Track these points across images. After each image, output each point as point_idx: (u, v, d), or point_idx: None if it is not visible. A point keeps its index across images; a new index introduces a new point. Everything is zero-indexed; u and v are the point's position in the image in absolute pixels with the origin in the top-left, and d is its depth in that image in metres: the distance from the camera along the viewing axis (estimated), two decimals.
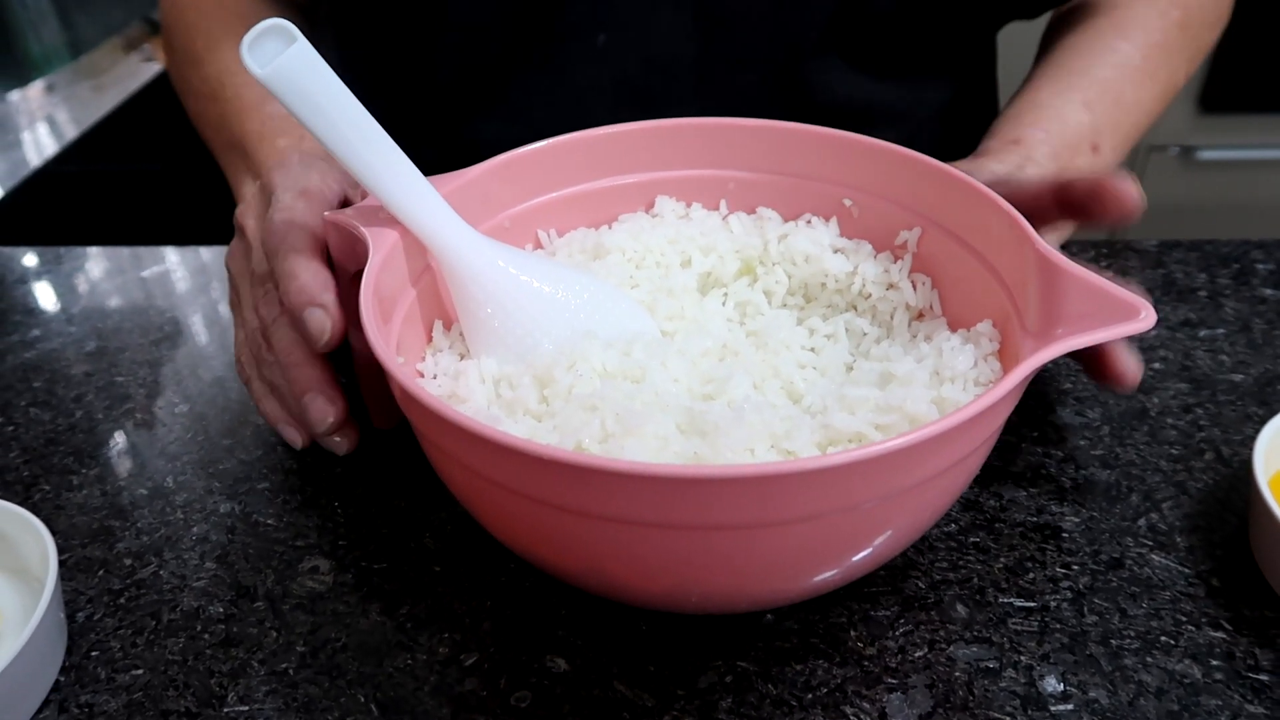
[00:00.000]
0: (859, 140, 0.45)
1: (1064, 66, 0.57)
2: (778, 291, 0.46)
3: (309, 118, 0.37)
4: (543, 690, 0.37)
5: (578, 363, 0.39)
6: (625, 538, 0.32)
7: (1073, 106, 0.54)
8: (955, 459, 0.32)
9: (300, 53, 0.36)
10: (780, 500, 0.29)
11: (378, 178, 0.39)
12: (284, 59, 0.36)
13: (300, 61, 0.36)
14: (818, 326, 0.45)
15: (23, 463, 0.49)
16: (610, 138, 0.47)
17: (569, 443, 0.35)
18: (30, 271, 0.65)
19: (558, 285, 0.42)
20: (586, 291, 0.43)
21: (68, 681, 0.38)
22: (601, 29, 0.57)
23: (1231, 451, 0.46)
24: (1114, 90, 0.55)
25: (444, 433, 0.33)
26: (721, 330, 0.44)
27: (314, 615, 0.40)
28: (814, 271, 0.46)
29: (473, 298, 0.41)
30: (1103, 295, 0.34)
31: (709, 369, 0.41)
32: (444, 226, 0.40)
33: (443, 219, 0.40)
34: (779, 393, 0.41)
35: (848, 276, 0.46)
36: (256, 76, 0.36)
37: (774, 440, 0.35)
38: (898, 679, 0.37)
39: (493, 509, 0.35)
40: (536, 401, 0.38)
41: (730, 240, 0.47)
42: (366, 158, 0.38)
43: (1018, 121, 0.53)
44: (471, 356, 0.42)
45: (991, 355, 0.39)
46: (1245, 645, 0.37)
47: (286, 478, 0.47)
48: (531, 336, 0.41)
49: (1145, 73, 0.57)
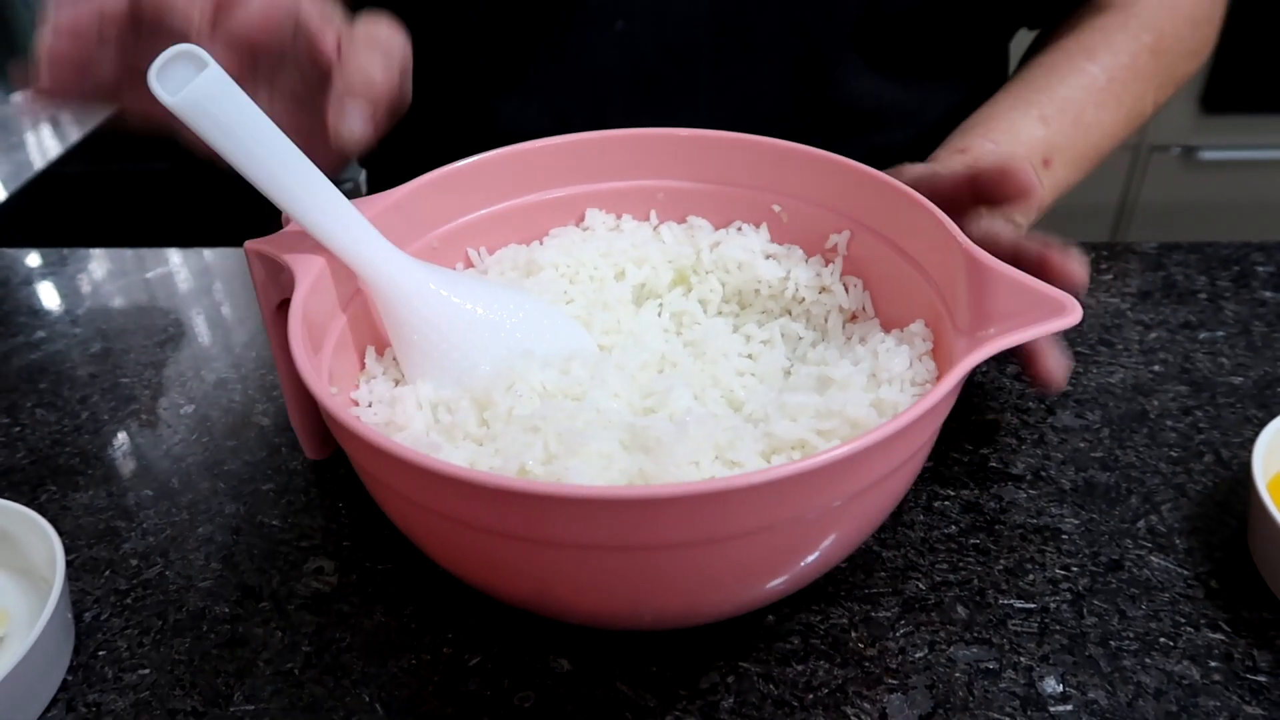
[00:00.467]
0: (785, 146, 0.45)
1: (1027, 83, 0.58)
2: (712, 300, 0.47)
3: (224, 145, 0.36)
4: (546, 690, 0.37)
5: (516, 383, 0.39)
6: (574, 561, 0.31)
7: (1028, 120, 0.55)
8: (899, 461, 0.32)
9: (211, 78, 0.34)
10: (731, 514, 0.29)
11: (299, 204, 0.38)
12: (194, 85, 0.34)
13: (212, 88, 0.35)
14: (754, 333, 0.45)
15: (29, 464, 0.49)
16: (536, 152, 0.47)
17: (512, 466, 0.35)
18: (35, 273, 0.66)
19: (491, 305, 0.42)
20: (521, 310, 0.42)
21: (75, 681, 0.38)
22: (620, 15, 0.57)
23: (1231, 454, 0.46)
24: (1074, 109, 0.56)
25: (382, 465, 0.32)
26: (659, 342, 0.44)
27: (319, 615, 0.40)
28: (747, 278, 0.46)
29: (405, 322, 0.40)
30: (1030, 293, 0.35)
31: (648, 382, 0.41)
32: (371, 251, 0.39)
33: (369, 243, 0.39)
34: (719, 402, 0.41)
35: (780, 282, 0.46)
36: (166, 104, 0.34)
37: (718, 451, 0.35)
38: (898, 679, 0.37)
39: (436, 538, 0.35)
40: (476, 425, 0.38)
41: (662, 250, 0.48)
42: (286, 184, 0.37)
43: (970, 132, 0.54)
44: (407, 382, 0.41)
45: (926, 355, 0.40)
46: (1243, 647, 0.38)
47: (291, 479, 0.47)
48: (468, 359, 0.40)
49: (1110, 94, 0.57)
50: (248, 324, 0.59)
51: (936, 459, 0.47)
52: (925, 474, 0.46)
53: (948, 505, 0.44)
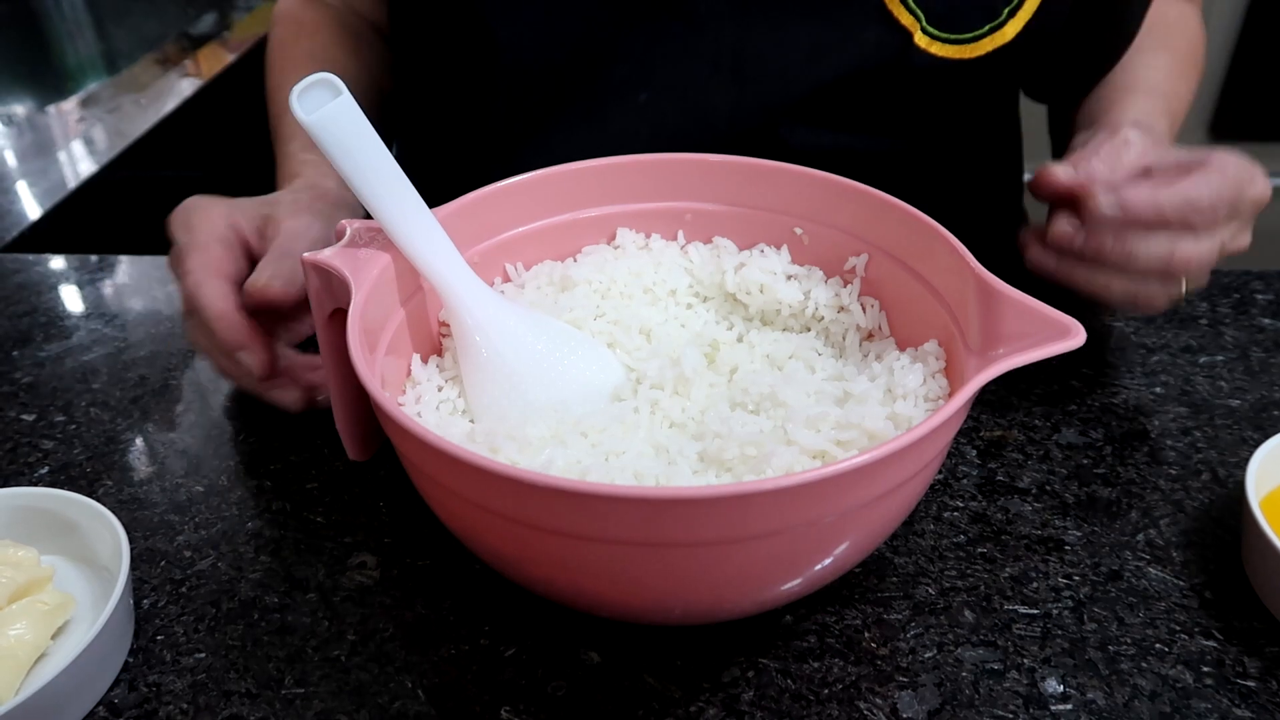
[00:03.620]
0: (808, 173, 0.48)
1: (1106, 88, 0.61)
2: (738, 318, 0.49)
3: (343, 162, 0.40)
4: (577, 680, 0.40)
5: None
6: (607, 557, 0.34)
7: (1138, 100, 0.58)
8: (912, 472, 0.35)
9: (343, 105, 0.40)
10: (755, 516, 0.32)
11: (399, 226, 0.42)
12: (328, 109, 0.39)
13: (342, 113, 0.40)
14: (776, 350, 0.47)
15: (86, 459, 0.52)
16: (571, 174, 0.50)
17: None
18: (85, 279, 0.69)
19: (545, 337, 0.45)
20: (569, 343, 0.46)
21: (136, 663, 0.41)
22: (645, 88, 0.60)
23: (1227, 473, 0.49)
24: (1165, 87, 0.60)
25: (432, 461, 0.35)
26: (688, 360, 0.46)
27: (362, 607, 0.43)
28: (769, 299, 0.49)
29: (474, 345, 0.44)
30: (1038, 317, 0.37)
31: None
32: (455, 277, 0.44)
33: (455, 270, 0.44)
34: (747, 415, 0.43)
35: (801, 302, 0.49)
36: (302, 123, 0.39)
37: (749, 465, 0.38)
38: (908, 677, 0.39)
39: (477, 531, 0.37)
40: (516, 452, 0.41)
41: (690, 269, 0.50)
42: (390, 205, 0.42)
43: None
44: (465, 393, 0.45)
45: (939, 373, 0.42)
46: (1235, 654, 0.40)
47: (334, 478, 0.50)
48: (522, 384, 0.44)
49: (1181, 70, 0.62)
50: None
51: (947, 472, 0.49)
52: (936, 486, 0.48)
53: (957, 515, 0.47)
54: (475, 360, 0.44)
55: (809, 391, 0.43)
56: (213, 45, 1.25)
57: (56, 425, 0.54)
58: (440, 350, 0.47)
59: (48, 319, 0.63)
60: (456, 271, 0.44)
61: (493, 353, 0.44)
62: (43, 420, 0.55)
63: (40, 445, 0.53)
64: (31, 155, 0.93)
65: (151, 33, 1.35)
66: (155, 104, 1.06)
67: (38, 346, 0.61)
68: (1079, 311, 0.37)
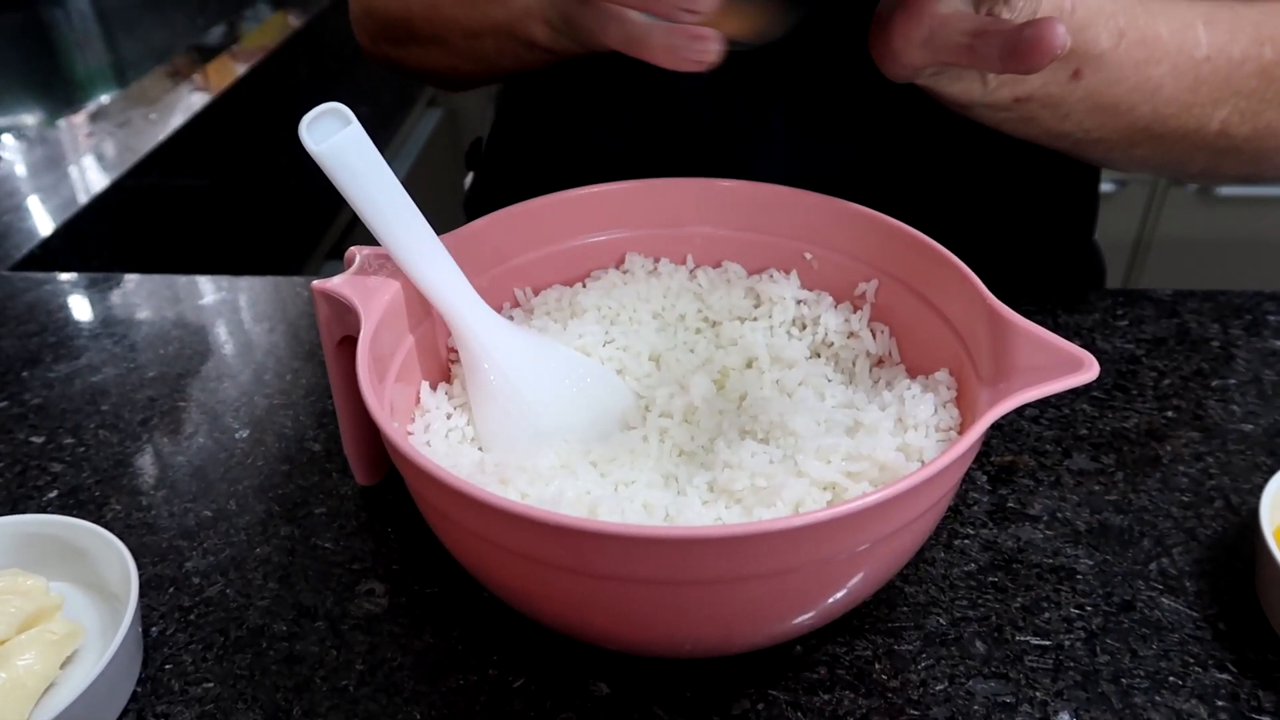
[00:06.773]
0: (817, 198, 0.48)
1: None
2: (747, 343, 0.49)
3: (352, 191, 0.40)
4: (586, 712, 0.39)
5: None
6: (617, 593, 0.34)
7: None
8: (923, 509, 0.35)
9: (353, 134, 0.40)
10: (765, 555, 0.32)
11: (408, 254, 0.42)
12: (338, 139, 0.39)
13: (352, 142, 0.40)
14: (786, 376, 0.47)
15: (94, 483, 0.52)
16: (580, 199, 0.50)
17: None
18: (93, 298, 0.69)
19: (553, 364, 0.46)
20: (577, 370, 0.46)
21: (144, 692, 0.41)
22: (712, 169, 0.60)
23: (1240, 500, 0.48)
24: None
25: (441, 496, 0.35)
26: (697, 387, 0.46)
27: (371, 635, 0.43)
28: (778, 323, 0.49)
29: (482, 372, 0.44)
30: (1051, 349, 0.37)
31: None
32: (464, 305, 0.44)
33: (463, 298, 0.44)
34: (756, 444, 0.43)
35: (810, 327, 0.48)
36: (312, 152, 0.39)
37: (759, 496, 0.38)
38: (919, 710, 0.39)
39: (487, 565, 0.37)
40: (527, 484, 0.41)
41: (699, 294, 0.50)
42: (398, 234, 0.42)
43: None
44: (474, 421, 0.45)
45: (950, 403, 0.42)
46: (1249, 687, 0.40)
47: (342, 503, 0.50)
48: (530, 411, 0.44)
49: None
50: (297, 353, 0.62)
51: (957, 499, 0.49)
52: (946, 513, 0.48)
53: (968, 544, 0.47)
54: (484, 388, 0.44)
55: (819, 419, 0.43)
56: (222, 58, 1.25)
57: (65, 448, 0.54)
58: (449, 377, 0.47)
59: (57, 339, 0.64)
60: (464, 299, 0.44)
61: (501, 380, 0.44)
62: (52, 443, 0.55)
63: (49, 468, 0.53)
64: (42, 170, 0.94)
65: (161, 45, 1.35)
66: (165, 117, 1.06)
67: (47, 367, 0.61)
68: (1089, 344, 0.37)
